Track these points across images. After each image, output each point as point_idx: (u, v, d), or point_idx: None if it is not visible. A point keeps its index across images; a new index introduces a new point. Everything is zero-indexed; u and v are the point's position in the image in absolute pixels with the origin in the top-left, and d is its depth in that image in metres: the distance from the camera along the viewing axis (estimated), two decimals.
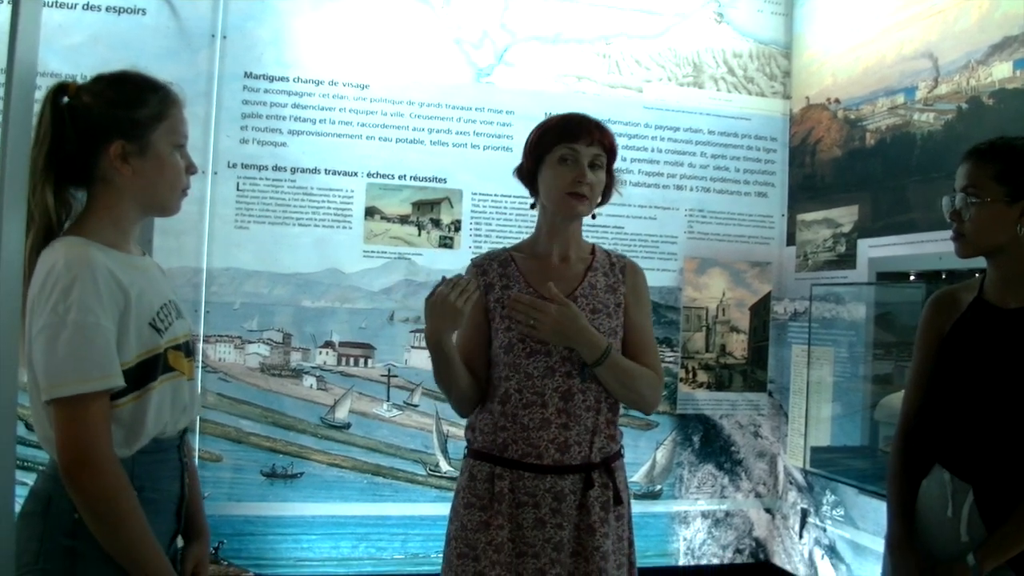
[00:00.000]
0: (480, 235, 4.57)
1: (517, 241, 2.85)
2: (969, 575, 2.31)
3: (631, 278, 2.73)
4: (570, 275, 2.68)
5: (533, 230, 2.80)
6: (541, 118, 4.32)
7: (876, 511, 4.06)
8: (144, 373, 1.95)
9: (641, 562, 2.83)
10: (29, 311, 1.86)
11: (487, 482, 2.60)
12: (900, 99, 4.18)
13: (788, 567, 4.88)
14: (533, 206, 2.77)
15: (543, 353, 2.56)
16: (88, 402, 1.81)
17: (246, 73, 4.34)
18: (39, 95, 1.82)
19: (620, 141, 2.76)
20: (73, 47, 4.07)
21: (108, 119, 1.98)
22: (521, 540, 2.56)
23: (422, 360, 4.52)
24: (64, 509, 1.86)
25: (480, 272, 2.74)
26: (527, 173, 2.71)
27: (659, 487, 4.90)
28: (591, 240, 2.82)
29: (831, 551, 4.50)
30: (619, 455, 2.69)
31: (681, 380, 4.92)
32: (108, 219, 2.01)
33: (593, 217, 2.72)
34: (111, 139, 1.97)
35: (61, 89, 2.00)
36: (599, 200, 2.69)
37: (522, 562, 2.54)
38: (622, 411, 2.72)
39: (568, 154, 2.58)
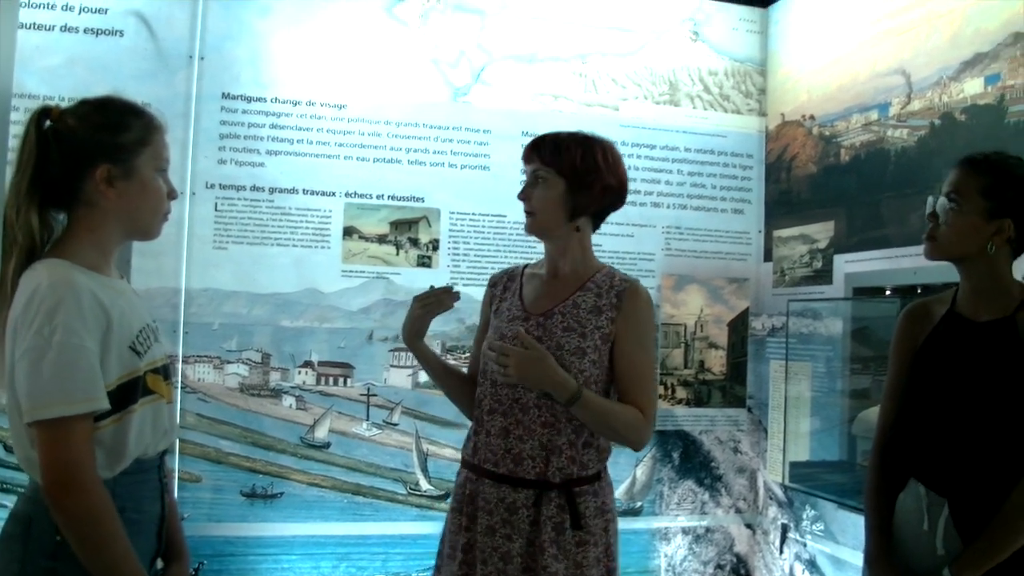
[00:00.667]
0: (459, 254, 4.58)
1: (495, 259, 2.93)
2: None
3: (628, 304, 2.64)
4: (557, 292, 2.70)
5: (510, 248, 2.88)
6: (518, 137, 4.37)
7: (855, 525, 4.08)
8: (124, 396, 1.95)
9: None
10: (11, 333, 1.86)
11: (462, 485, 2.71)
12: (874, 115, 4.21)
13: None
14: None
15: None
16: (72, 424, 1.81)
17: (224, 94, 4.34)
18: (17, 116, 1.84)
19: (540, 139, 2.76)
20: (50, 69, 4.06)
21: (94, 143, 1.99)
22: (476, 545, 2.60)
23: (401, 379, 4.53)
24: (45, 531, 1.86)
25: (491, 285, 2.91)
26: None
27: (639, 504, 4.90)
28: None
29: (811, 566, 4.51)
30: (591, 480, 2.64)
31: (660, 397, 4.92)
32: (90, 242, 2.01)
33: (577, 229, 2.70)
34: (96, 163, 1.98)
35: (44, 112, 2.00)
36: (573, 212, 2.67)
37: (484, 566, 2.57)
38: None
39: (527, 177, 2.72)
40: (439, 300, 2.75)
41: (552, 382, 2.48)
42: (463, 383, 2.89)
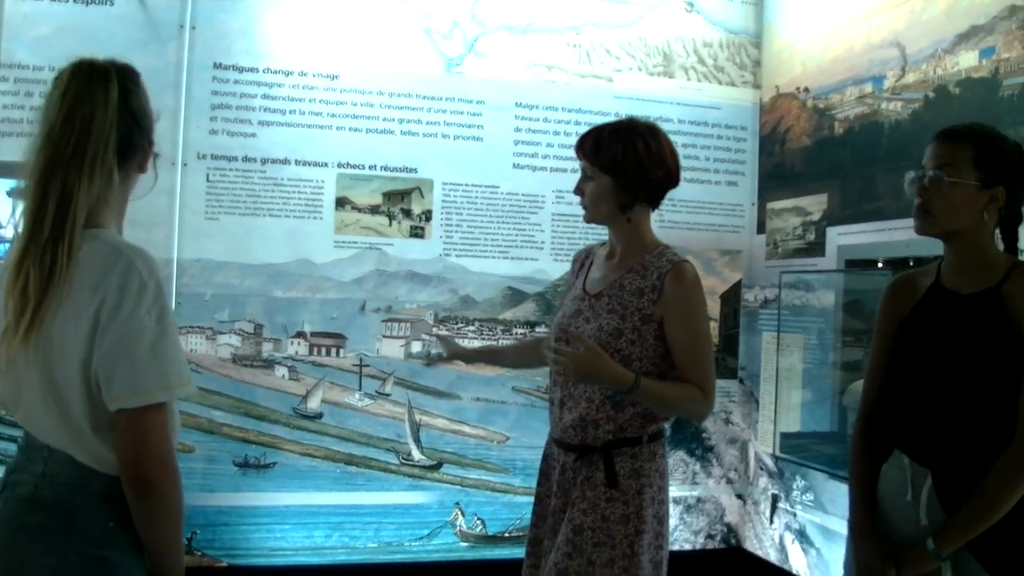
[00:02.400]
0: (451, 225, 4.57)
1: (488, 230, 3.02)
2: (928, 559, 2.34)
3: (669, 285, 2.67)
4: (611, 274, 2.80)
5: (503, 219, 2.97)
6: (511, 108, 4.35)
7: (845, 496, 4.04)
8: None
9: None
10: (87, 309, 1.76)
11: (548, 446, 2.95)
12: (868, 88, 4.21)
13: (759, 552, 4.92)
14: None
15: (563, 340, 2.70)
16: (166, 406, 1.82)
17: (215, 64, 4.32)
18: (7, 87, 1.81)
19: (585, 139, 2.79)
20: (40, 38, 4.03)
21: (149, 117, 1.99)
22: (541, 502, 2.89)
23: (393, 349, 4.54)
24: (95, 520, 1.82)
25: (574, 260, 3.08)
26: None
27: None
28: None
29: (801, 536, 4.54)
30: (631, 442, 2.71)
31: None
32: (117, 212, 1.99)
33: (628, 220, 2.79)
34: (151, 136, 1.99)
35: (105, 71, 1.91)
36: (623, 204, 2.76)
37: (555, 517, 2.77)
38: None
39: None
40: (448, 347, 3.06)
41: (609, 377, 2.57)
42: (532, 352, 3.19)
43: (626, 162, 2.69)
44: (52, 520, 1.81)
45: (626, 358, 2.63)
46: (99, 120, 1.85)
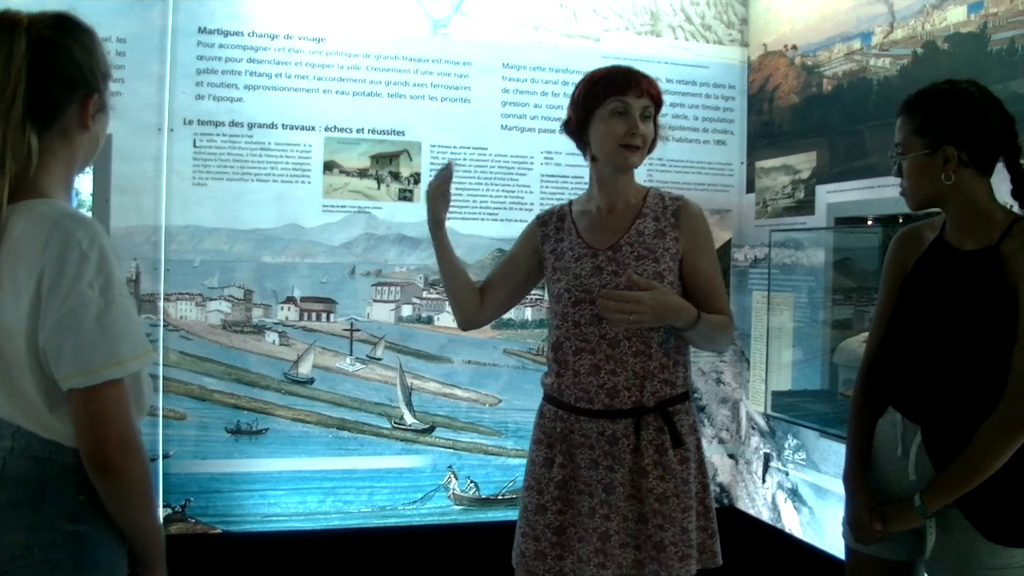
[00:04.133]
0: None
1: (477, 192, 2.96)
2: (915, 515, 2.36)
3: (686, 221, 2.73)
4: (617, 225, 2.75)
5: (492, 181, 2.90)
6: (499, 69, 4.32)
7: (837, 454, 4.12)
8: None
9: None
10: (28, 284, 1.68)
11: (552, 421, 2.77)
12: (856, 45, 4.19)
13: (752, 511, 4.94)
14: (593, 158, 2.81)
15: (588, 302, 2.66)
16: (122, 382, 1.71)
17: (200, 28, 4.28)
18: None
19: (654, 84, 2.75)
20: (21, 5, 3.98)
21: (85, 66, 1.83)
22: (578, 479, 2.69)
23: (384, 313, 4.53)
24: (65, 494, 1.75)
25: (541, 224, 2.91)
26: (576, 127, 2.77)
27: None
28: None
29: (794, 494, 4.56)
30: (682, 398, 2.74)
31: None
32: (64, 177, 1.86)
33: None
34: (88, 91, 1.84)
35: (16, 21, 1.77)
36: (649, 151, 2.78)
37: (579, 499, 2.68)
38: None
39: (619, 107, 2.66)
40: (445, 177, 2.80)
41: (681, 314, 2.56)
42: (469, 289, 2.97)
43: (661, 102, 2.76)
44: (22, 495, 1.75)
45: None
46: (1, 75, 1.72)
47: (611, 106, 2.65)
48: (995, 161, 2.39)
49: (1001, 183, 2.41)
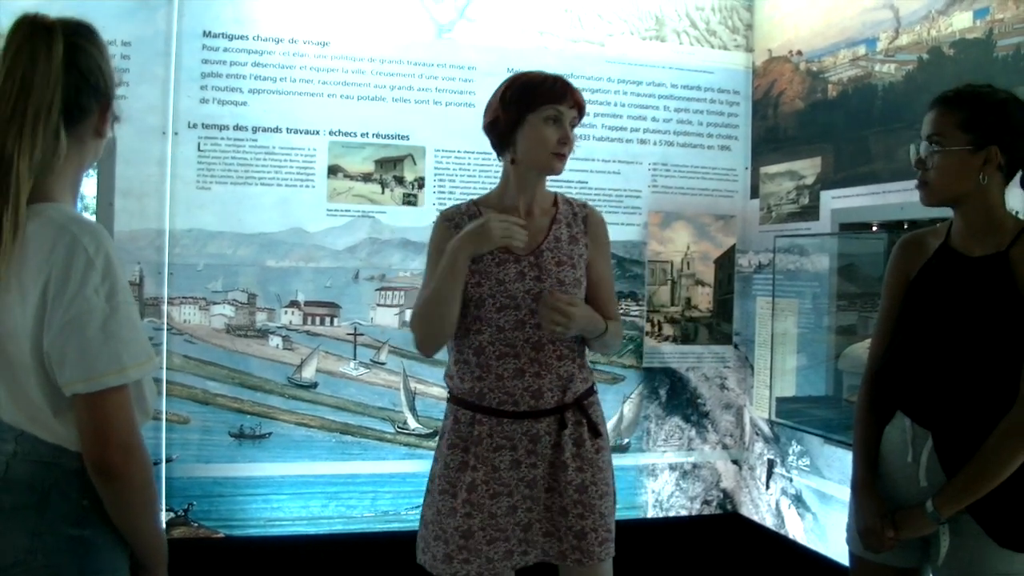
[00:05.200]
0: (444, 192, 4.55)
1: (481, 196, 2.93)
2: (927, 521, 2.35)
3: (593, 228, 2.86)
4: (535, 229, 2.77)
5: (495, 185, 2.88)
6: (503, 74, 4.30)
7: (841, 460, 4.11)
8: None
9: None
10: (34, 288, 1.68)
11: (469, 425, 2.75)
12: (861, 50, 4.18)
13: (756, 517, 4.94)
14: (514, 160, 2.79)
15: (512, 308, 2.70)
16: (126, 389, 1.72)
17: (204, 32, 4.28)
18: None
19: (583, 96, 2.78)
20: (28, 7, 3.97)
21: (107, 75, 1.85)
22: (496, 481, 2.71)
23: (388, 318, 4.53)
24: (69, 498, 1.75)
25: (453, 225, 2.80)
26: (504, 128, 2.75)
27: (627, 440, 4.93)
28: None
29: (797, 500, 4.55)
30: (591, 391, 2.84)
31: (647, 334, 4.93)
32: (71, 181, 1.87)
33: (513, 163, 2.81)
34: (108, 98, 1.86)
35: (49, 27, 1.77)
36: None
37: (496, 501, 2.71)
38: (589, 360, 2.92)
39: (554, 114, 2.70)
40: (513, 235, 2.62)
41: (594, 322, 2.72)
42: (454, 320, 2.80)
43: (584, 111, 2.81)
44: (26, 499, 1.75)
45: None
46: (40, 78, 1.72)
47: (546, 113, 2.68)
48: (1019, 169, 2.39)
49: (1008, 192, 2.41)
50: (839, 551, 3.95)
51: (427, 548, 2.78)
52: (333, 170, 4.43)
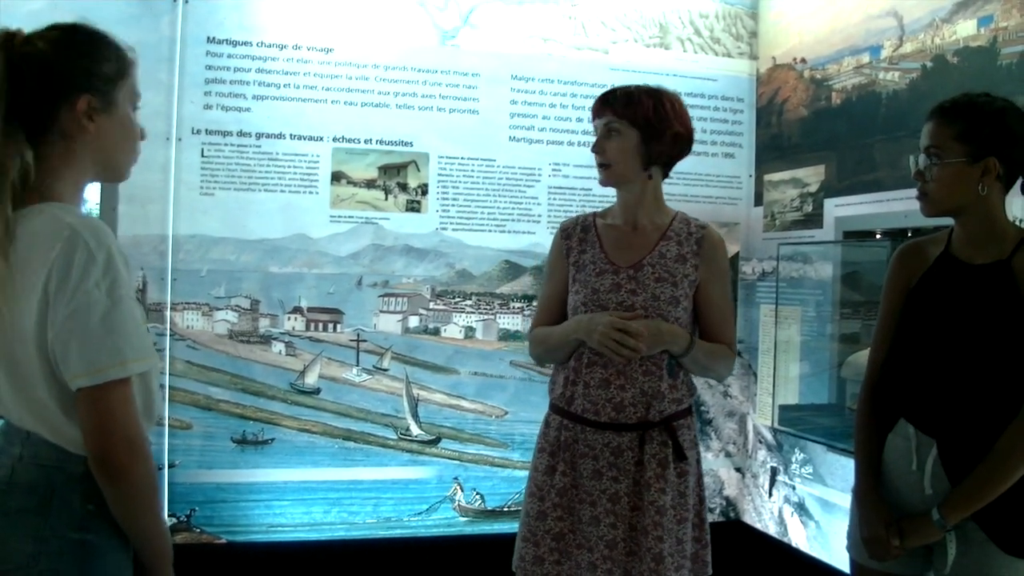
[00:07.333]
0: (447, 198, 4.55)
1: (484, 204, 2.97)
2: (933, 529, 2.35)
3: (708, 251, 2.81)
4: (641, 243, 2.83)
5: (499, 193, 2.93)
6: (507, 80, 4.32)
7: (844, 468, 4.10)
8: None
9: None
10: (35, 288, 1.69)
11: (557, 430, 2.82)
12: (865, 58, 4.18)
13: (759, 525, 4.93)
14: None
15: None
16: (129, 383, 1.72)
17: (209, 38, 4.28)
18: None
19: (587, 103, 2.80)
20: (33, 13, 3.98)
21: (72, 70, 1.83)
22: (580, 488, 2.75)
23: (391, 324, 4.53)
24: (73, 502, 1.75)
25: (565, 236, 2.95)
26: None
27: None
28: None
29: (800, 508, 4.54)
30: (685, 413, 2.83)
31: None
32: (71, 181, 1.87)
33: (650, 178, 2.83)
34: (77, 93, 1.83)
35: (8, 37, 1.79)
36: (647, 160, 2.79)
37: (580, 508, 2.74)
38: None
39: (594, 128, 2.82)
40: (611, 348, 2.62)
41: (672, 340, 2.68)
42: None
43: (656, 116, 2.73)
44: (30, 503, 1.74)
45: (680, 326, 2.73)
46: None
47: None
48: (1018, 177, 2.39)
49: (1009, 199, 2.41)
50: (842, 559, 3.93)
51: (517, 551, 2.83)
52: (336, 176, 4.44)
